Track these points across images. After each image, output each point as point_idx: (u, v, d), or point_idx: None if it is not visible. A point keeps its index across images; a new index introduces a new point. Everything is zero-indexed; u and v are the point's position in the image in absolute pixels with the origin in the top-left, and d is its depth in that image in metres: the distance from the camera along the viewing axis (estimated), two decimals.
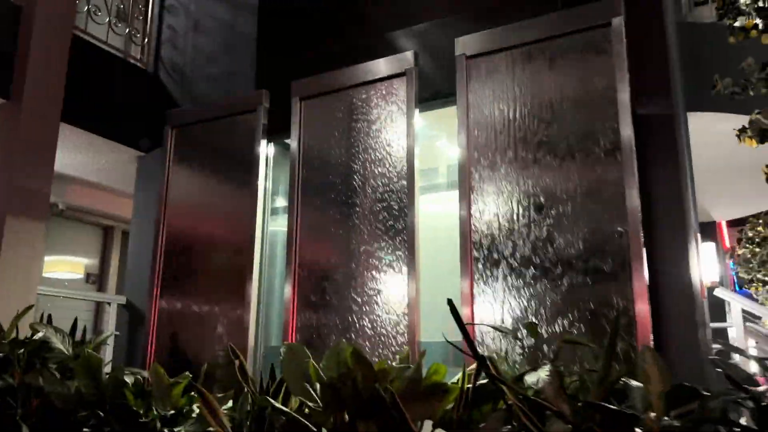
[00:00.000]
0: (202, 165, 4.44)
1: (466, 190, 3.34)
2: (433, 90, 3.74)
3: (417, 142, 3.62)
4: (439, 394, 2.29)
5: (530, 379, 2.11)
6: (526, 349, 2.84)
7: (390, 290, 3.51)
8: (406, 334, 3.38)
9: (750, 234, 8.29)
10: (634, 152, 3.01)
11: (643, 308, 2.86)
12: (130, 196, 6.21)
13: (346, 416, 2.20)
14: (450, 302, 2.33)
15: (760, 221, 8.40)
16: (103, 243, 8.13)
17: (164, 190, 4.48)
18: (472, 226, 3.33)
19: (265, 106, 4.23)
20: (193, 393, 2.97)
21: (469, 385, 2.47)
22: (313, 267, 3.82)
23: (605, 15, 3.24)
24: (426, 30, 3.88)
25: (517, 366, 2.18)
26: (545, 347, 2.93)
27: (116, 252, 8.01)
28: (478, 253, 3.29)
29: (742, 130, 4.68)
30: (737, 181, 6.49)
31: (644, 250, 2.93)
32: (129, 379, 3.03)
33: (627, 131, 3.03)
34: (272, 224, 4.46)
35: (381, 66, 3.84)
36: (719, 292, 5.79)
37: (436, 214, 4.17)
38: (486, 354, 2.97)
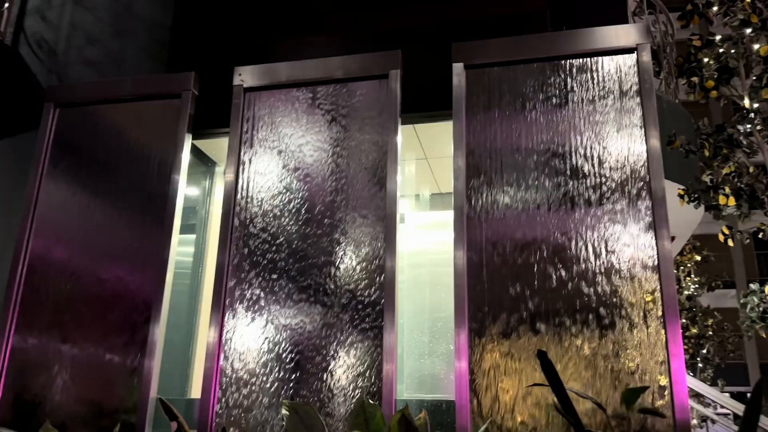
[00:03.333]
0: (97, 160, 3.54)
1: (461, 231, 2.89)
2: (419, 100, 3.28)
3: (399, 161, 3.11)
4: None
5: None
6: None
7: (357, 337, 2.91)
8: (379, 391, 2.78)
9: None
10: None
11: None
12: None
13: None
14: (542, 355, 1.84)
15: None
16: None
17: (35, 189, 3.55)
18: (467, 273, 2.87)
19: (194, 92, 3.49)
20: None
21: None
22: (250, 306, 3.09)
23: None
24: (416, 30, 3.44)
25: None
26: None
27: None
28: (472, 305, 2.83)
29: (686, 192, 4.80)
30: None
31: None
32: None
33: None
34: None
35: (356, 63, 3.31)
36: None
37: None
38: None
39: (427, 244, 4.58)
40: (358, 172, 3.25)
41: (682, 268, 12.98)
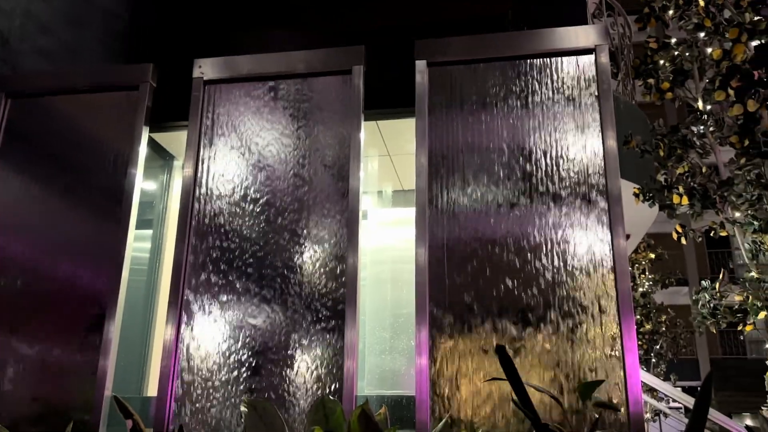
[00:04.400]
0: (50, 152, 3.46)
1: (423, 228, 2.91)
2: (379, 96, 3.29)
3: (362, 157, 3.11)
4: None
5: None
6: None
7: (318, 335, 2.90)
8: (340, 388, 2.79)
9: None
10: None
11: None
12: None
13: None
14: (501, 349, 1.87)
15: None
16: None
17: None
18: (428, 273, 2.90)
19: (152, 84, 3.43)
20: None
21: None
22: (209, 304, 3.06)
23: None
24: (380, 26, 3.44)
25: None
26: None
27: None
28: (433, 302, 2.85)
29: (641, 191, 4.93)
30: None
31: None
32: None
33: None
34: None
35: (318, 57, 3.30)
36: None
37: None
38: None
39: (389, 241, 4.60)
40: (321, 168, 3.24)
41: (636, 265, 13.37)
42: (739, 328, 4.19)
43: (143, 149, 3.42)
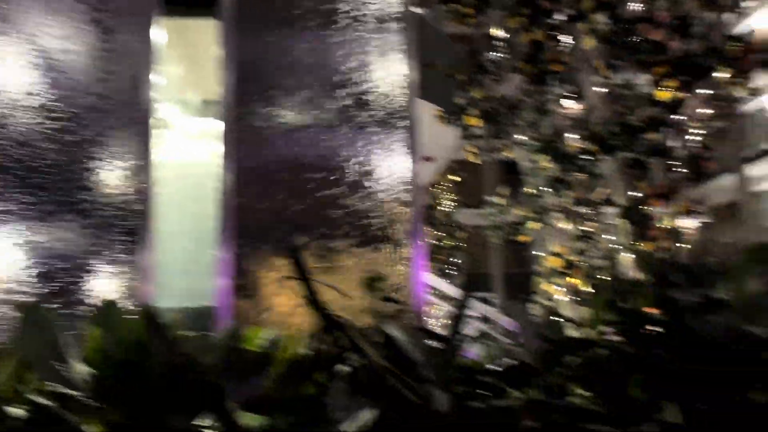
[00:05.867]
0: None
1: (230, 142, 2.88)
2: None
3: (158, 55, 2.95)
4: (266, 366, 1.94)
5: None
6: None
7: (115, 251, 2.79)
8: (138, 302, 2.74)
9: None
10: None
11: None
12: None
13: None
14: (292, 249, 1.94)
15: None
16: None
17: None
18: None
19: None
20: None
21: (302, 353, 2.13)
22: None
23: None
24: None
25: None
26: None
27: None
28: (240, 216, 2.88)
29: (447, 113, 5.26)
30: None
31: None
32: None
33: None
34: None
35: None
36: None
37: None
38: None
39: (193, 153, 4.46)
40: (116, 72, 3.00)
41: (440, 187, 14.32)
42: (517, 238, 4.74)
43: None
